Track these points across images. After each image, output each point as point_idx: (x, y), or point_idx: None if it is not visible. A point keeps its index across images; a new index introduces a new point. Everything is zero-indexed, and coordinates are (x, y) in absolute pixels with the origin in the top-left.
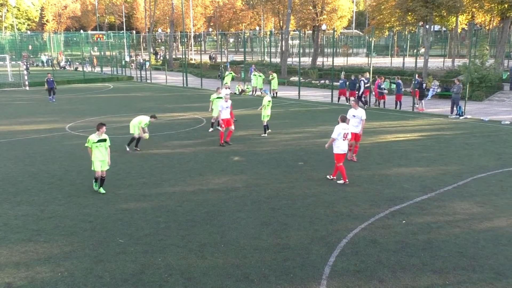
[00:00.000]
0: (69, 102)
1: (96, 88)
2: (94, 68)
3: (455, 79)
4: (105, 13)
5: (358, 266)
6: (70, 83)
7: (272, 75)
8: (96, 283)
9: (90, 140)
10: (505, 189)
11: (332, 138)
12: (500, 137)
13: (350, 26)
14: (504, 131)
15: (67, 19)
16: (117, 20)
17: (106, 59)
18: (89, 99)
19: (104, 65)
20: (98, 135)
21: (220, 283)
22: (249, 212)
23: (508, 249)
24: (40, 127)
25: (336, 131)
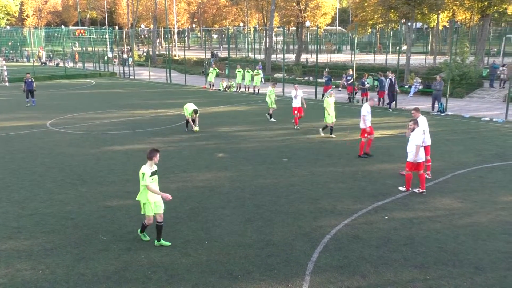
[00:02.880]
0: (50, 98)
1: (78, 84)
2: (76, 64)
3: (436, 76)
4: (86, 8)
5: (341, 261)
6: (52, 79)
7: (258, 71)
8: (78, 281)
9: (146, 175)
10: (484, 185)
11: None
12: (480, 134)
13: (333, 23)
14: (484, 127)
15: (47, 14)
16: (99, 15)
17: (88, 55)
18: (70, 95)
19: (86, 61)
20: (151, 166)
21: (204, 279)
22: (233, 209)
23: (487, 244)
24: (20, 124)
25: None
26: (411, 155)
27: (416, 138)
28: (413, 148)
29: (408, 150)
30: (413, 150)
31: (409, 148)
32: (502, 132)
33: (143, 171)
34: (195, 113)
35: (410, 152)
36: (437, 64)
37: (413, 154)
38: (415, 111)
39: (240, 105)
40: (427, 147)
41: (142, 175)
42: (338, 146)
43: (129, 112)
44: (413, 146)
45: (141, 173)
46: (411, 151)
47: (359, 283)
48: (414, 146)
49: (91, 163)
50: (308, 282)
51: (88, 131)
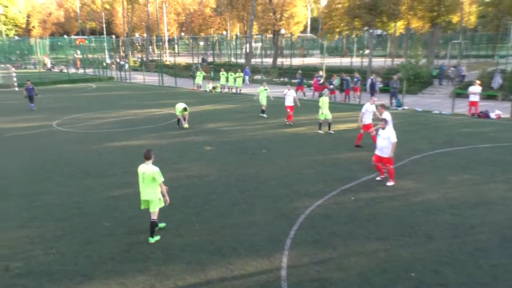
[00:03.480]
0: (55, 101)
1: (80, 87)
2: (78, 69)
3: (394, 76)
4: (86, 19)
5: (314, 237)
6: (56, 84)
7: (239, 73)
8: (85, 262)
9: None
10: (435, 168)
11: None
12: (431, 125)
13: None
14: (434, 119)
15: (51, 25)
16: (97, 25)
17: (89, 61)
18: (74, 97)
19: (87, 66)
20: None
21: (196, 257)
22: (220, 195)
23: (437, 217)
24: (29, 125)
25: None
26: (387, 151)
27: (392, 135)
28: (388, 145)
29: (383, 146)
30: (389, 146)
31: (383, 144)
32: (449, 123)
33: (156, 169)
34: (185, 111)
35: (386, 148)
36: (394, 66)
37: (389, 150)
38: (381, 107)
39: (224, 104)
40: None
41: (158, 173)
42: (310, 138)
43: (126, 112)
44: (388, 143)
45: (156, 171)
46: (386, 146)
47: (330, 255)
48: (389, 143)
49: (94, 158)
50: (287, 256)
51: (91, 130)
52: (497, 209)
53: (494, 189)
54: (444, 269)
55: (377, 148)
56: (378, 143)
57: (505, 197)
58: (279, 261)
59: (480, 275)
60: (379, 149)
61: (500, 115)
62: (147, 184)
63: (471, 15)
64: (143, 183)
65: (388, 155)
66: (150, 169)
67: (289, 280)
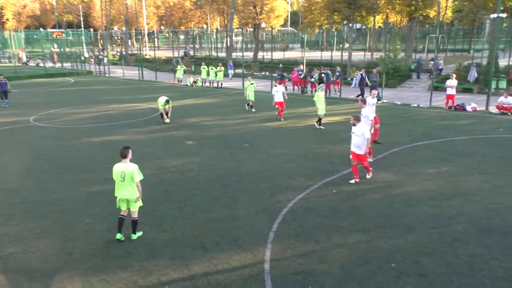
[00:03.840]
0: (32, 95)
1: (57, 82)
2: (55, 63)
3: (373, 69)
4: (63, 12)
5: (297, 230)
6: (32, 78)
7: (220, 67)
8: (67, 259)
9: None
10: (414, 160)
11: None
12: (410, 118)
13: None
14: (413, 112)
15: (26, 18)
16: (75, 18)
17: (66, 55)
18: (51, 92)
19: (64, 60)
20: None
21: (180, 252)
22: (203, 189)
23: (416, 209)
24: (5, 120)
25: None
26: (363, 147)
27: (366, 131)
28: (363, 141)
29: (358, 143)
30: (364, 142)
31: (358, 141)
32: (427, 116)
33: (136, 166)
34: (167, 104)
35: (362, 145)
36: (374, 59)
37: (365, 147)
38: (361, 102)
39: (205, 98)
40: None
41: (138, 170)
42: (292, 132)
43: (106, 107)
44: (363, 139)
45: (135, 169)
46: (362, 143)
47: (313, 247)
48: (364, 139)
49: (74, 154)
50: (270, 249)
51: (69, 125)
52: (474, 200)
53: (470, 181)
54: (424, 259)
55: (353, 146)
56: (353, 141)
57: (481, 188)
58: (262, 254)
59: (458, 265)
60: (355, 147)
61: (476, 108)
62: (128, 182)
63: (447, 10)
64: (122, 182)
65: (364, 152)
66: (130, 167)
67: (272, 273)
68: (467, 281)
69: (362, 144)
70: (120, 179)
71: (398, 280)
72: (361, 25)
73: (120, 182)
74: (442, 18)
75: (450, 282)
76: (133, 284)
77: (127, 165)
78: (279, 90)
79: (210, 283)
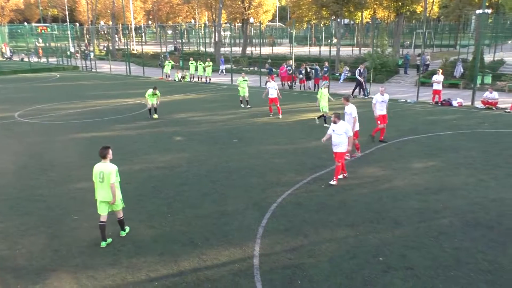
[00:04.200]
0: (16, 91)
1: (42, 77)
2: (40, 58)
3: (361, 65)
4: (48, 6)
5: (286, 225)
6: (17, 73)
7: (209, 63)
8: (53, 256)
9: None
10: (401, 155)
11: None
12: (397, 113)
13: (274, 20)
14: (400, 107)
15: (10, 12)
16: (60, 13)
17: (52, 50)
18: (36, 88)
19: (50, 55)
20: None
21: (168, 248)
22: (192, 185)
23: (404, 203)
24: None
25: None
26: (345, 146)
27: (348, 129)
28: (345, 139)
29: (340, 142)
30: (345, 141)
31: (339, 140)
32: (414, 111)
33: (114, 167)
34: (154, 89)
35: (343, 143)
36: (362, 55)
37: (347, 144)
38: (344, 99)
39: (194, 93)
40: (356, 132)
41: (116, 172)
42: (281, 128)
43: (93, 102)
44: (345, 138)
45: (114, 170)
46: (343, 141)
47: (302, 242)
48: (346, 137)
49: (60, 150)
50: (259, 244)
51: (55, 121)
52: (460, 194)
53: (456, 175)
54: (411, 253)
55: (334, 145)
56: (334, 140)
57: (467, 182)
58: (252, 249)
59: (444, 258)
60: (336, 146)
61: (461, 103)
62: (107, 184)
63: (434, 5)
64: (101, 184)
65: (347, 150)
66: (109, 167)
67: (261, 268)
68: (452, 274)
69: (343, 143)
70: (99, 179)
71: (385, 274)
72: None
73: (99, 183)
74: (429, 13)
75: (436, 275)
76: (122, 281)
77: (106, 166)
78: (273, 86)
79: (199, 278)
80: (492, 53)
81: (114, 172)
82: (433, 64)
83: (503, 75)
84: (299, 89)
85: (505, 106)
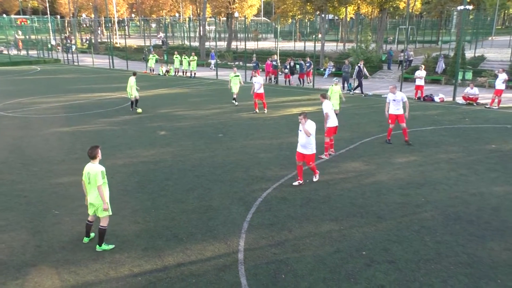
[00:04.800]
0: None
1: (23, 70)
2: (20, 51)
3: (345, 60)
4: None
5: (271, 220)
6: None
7: (193, 57)
8: (34, 252)
9: (103, 173)
10: (385, 150)
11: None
12: (381, 108)
13: (259, 14)
14: (383, 103)
15: None
16: (40, 4)
17: (32, 43)
18: (16, 81)
19: (30, 48)
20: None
21: (153, 243)
22: (176, 180)
23: (387, 198)
24: None
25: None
26: (312, 146)
27: (312, 130)
28: (312, 140)
29: (306, 143)
30: (313, 141)
31: (306, 140)
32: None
33: (100, 168)
34: (133, 75)
35: (310, 144)
36: (346, 50)
37: (314, 146)
38: (321, 97)
39: (179, 88)
40: (335, 128)
41: (101, 173)
42: (266, 122)
43: (76, 96)
44: (312, 138)
45: (99, 171)
46: (310, 142)
47: (286, 237)
48: (313, 138)
49: (41, 144)
50: (244, 239)
51: (36, 115)
52: (441, 188)
53: (438, 170)
54: (393, 246)
55: (300, 145)
56: (300, 140)
57: (448, 177)
58: (236, 244)
59: (425, 252)
60: (302, 146)
61: (443, 98)
62: (93, 186)
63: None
64: (89, 185)
65: (313, 152)
66: (95, 169)
67: (246, 263)
68: (433, 267)
69: (310, 143)
70: (87, 180)
71: (368, 268)
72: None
73: (87, 184)
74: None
75: (417, 268)
76: (105, 276)
77: (93, 166)
78: (259, 81)
79: (183, 273)
80: (473, 49)
81: (99, 174)
82: (416, 60)
83: (483, 71)
84: (284, 84)
85: (485, 102)
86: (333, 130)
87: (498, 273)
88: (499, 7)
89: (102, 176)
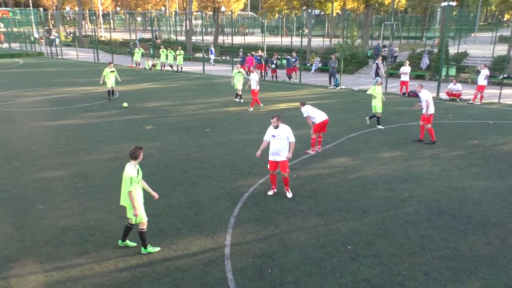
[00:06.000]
0: None
1: (5, 63)
2: (2, 44)
3: (331, 55)
4: None
5: (258, 215)
6: None
7: (180, 51)
8: (18, 247)
9: (132, 179)
10: (370, 145)
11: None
12: (367, 103)
13: (245, 9)
14: (369, 98)
15: None
16: None
17: (14, 35)
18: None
19: (12, 41)
20: (135, 167)
21: (138, 237)
22: (163, 175)
23: (372, 192)
24: None
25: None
26: (285, 153)
27: (290, 134)
28: (286, 146)
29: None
30: (287, 148)
31: (280, 146)
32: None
33: (129, 171)
34: (109, 64)
35: (283, 150)
36: (332, 46)
37: (288, 152)
38: (300, 104)
39: (165, 82)
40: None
41: (129, 179)
42: (253, 117)
43: (60, 90)
44: (286, 144)
45: (126, 174)
46: (284, 148)
47: (273, 231)
48: (287, 143)
49: (24, 138)
50: (231, 234)
51: (19, 108)
52: (425, 183)
53: (422, 165)
54: (378, 241)
55: (272, 153)
56: (273, 146)
57: (432, 172)
58: (223, 239)
59: (409, 246)
60: (275, 153)
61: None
62: (124, 187)
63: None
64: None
65: (287, 158)
66: (127, 172)
67: (232, 257)
68: (417, 261)
69: (285, 149)
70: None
71: (353, 262)
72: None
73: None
74: (397, 5)
75: (401, 262)
76: (89, 271)
77: (127, 169)
78: (255, 78)
79: (169, 268)
80: (457, 46)
81: (129, 180)
82: (401, 55)
83: (466, 67)
84: (271, 79)
85: (468, 98)
86: (321, 126)
87: (479, 267)
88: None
89: (131, 182)
